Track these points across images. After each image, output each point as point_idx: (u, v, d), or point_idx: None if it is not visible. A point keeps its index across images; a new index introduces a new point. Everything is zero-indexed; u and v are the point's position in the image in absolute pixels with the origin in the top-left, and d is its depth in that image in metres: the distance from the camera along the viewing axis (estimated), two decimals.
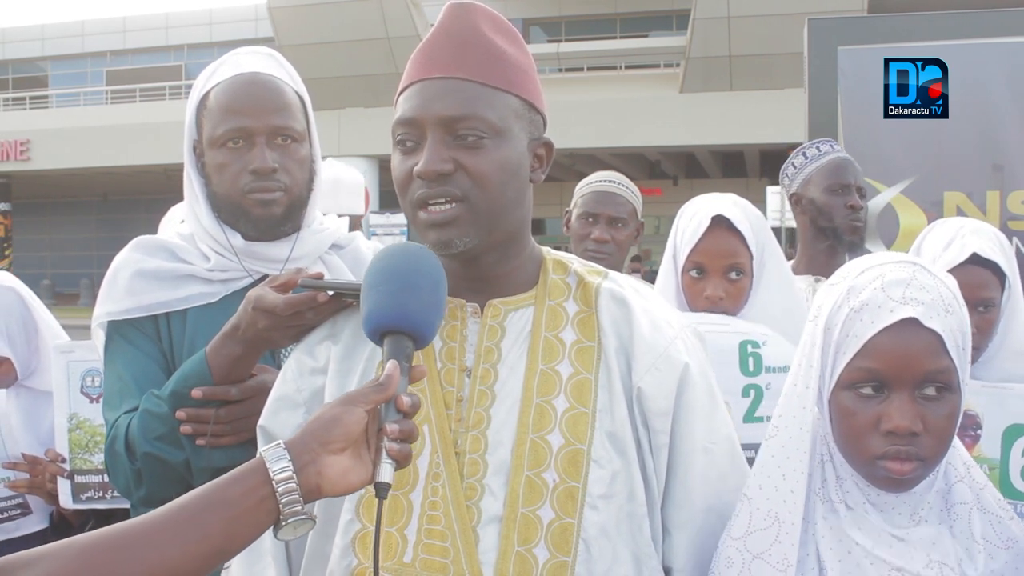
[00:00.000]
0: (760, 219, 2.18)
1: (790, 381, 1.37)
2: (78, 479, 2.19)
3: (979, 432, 1.83)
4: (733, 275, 2.12)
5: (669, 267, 2.22)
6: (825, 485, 1.35)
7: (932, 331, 1.24)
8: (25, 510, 2.33)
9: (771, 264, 2.17)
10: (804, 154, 2.93)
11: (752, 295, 2.14)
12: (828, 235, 2.80)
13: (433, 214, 1.29)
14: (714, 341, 1.92)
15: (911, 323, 1.25)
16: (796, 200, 2.91)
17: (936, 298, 1.27)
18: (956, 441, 1.36)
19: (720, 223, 2.10)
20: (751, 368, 1.98)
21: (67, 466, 2.20)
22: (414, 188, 1.30)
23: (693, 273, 2.14)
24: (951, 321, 1.27)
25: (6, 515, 2.32)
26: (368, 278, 1.24)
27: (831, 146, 2.93)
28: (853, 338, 1.28)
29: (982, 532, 1.32)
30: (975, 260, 1.96)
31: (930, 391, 1.26)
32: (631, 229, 2.84)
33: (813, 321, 1.35)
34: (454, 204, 1.29)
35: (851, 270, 1.35)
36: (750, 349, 1.99)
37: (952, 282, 1.32)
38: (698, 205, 2.18)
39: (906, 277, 1.28)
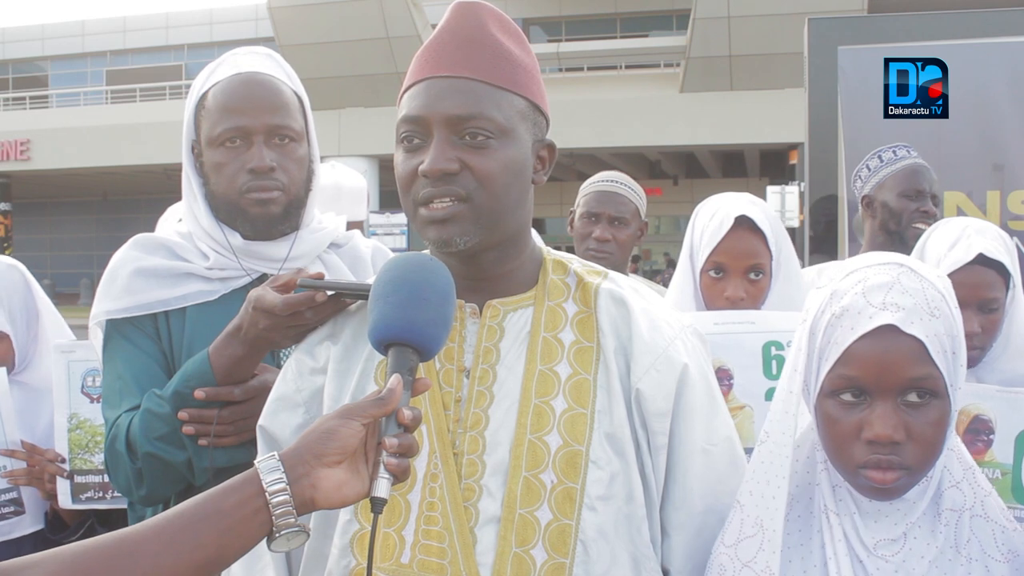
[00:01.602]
0: (777, 219, 2.18)
1: (779, 385, 1.35)
2: (78, 479, 2.18)
3: (991, 437, 1.82)
4: (753, 275, 2.10)
5: (686, 267, 2.20)
6: (824, 494, 1.34)
7: (913, 337, 1.21)
8: (19, 508, 2.28)
9: (786, 264, 2.16)
10: (880, 157, 2.93)
11: (770, 295, 2.13)
12: (896, 240, 2.79)
13: (434, 211, 1.29)
14: (738, 343, 1.91)
15: (891, 329, 1.22)
16: (867, 203, 2.91)
17: (920, 302, 1.23)
18: (958, 445, 1.34)
19: (742, 223, 2.09)
20: (774, 372, 1.94)
21: (66, 466, 2.19)
22: (418, 187, 1.29)
23: (713, 273, 2.12)
24: (936, 325, 1.23)
25: None
26: (376, 288, 1.23)
27: (908, 151, 2.92)
28: (834, 345, 1.26)
29: (981, 542, 1.29)
30: (981, 260, 1.94)
31: (913, 398, 1.23)
32: (633, 229, 2.84)
33: (802, 324, 1.33)
34: (457, 203, 1.28)
35: (838, 272, 1.32)
36: (774, 351, 1.96)
37: (943, 283, 1.29)
38: (717, 204, 2.16)
39: (888, 281, 1.25)
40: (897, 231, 2.81)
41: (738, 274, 2.10)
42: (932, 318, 1.23)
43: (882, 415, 1.23)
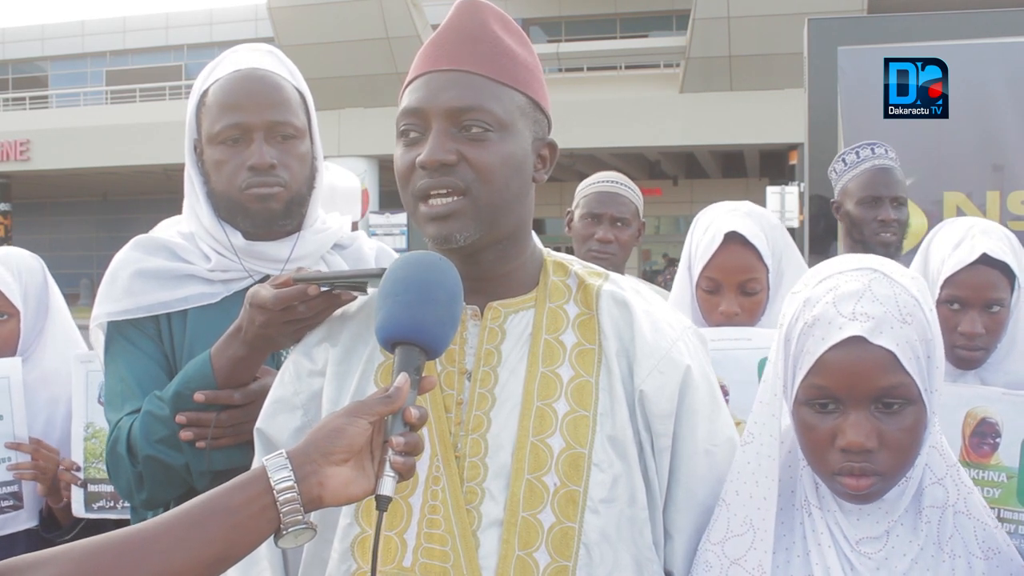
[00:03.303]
0: (776, 228, 2.15)
1: (762, 388, 1.36)
2: (91, 488, 2.19)
3: (998, 440, 1.82)
4: (748, 290, 2.08)
5: (684, 278, 2.18)
6: (807, 490, 1.35)
7: (883, 347, 1.22)
8: (18, 502, 2.28)
9: (790, 272, 2.13)
10: (844, 160, 2.91)
11: (770, 306, 2.11)
12: (861, 248, 2.77)
13: (434, 207, 1.28)
14: (734, 359, 1.90)
15: (860, 339, 1.22)
16: (836, 208, 2.90)
17: (891, 309, 1.23)
18: (941, 442, 1.35)
19: (734, 239, 2.06)
20: None
21: (81, 475, 2.20)
22: (416, 179, 1.29)
23: (706, 289, 2.11)
24: (908, 332, 1.23)
25: None
26: (385, 286, 1.22)
27: (871, 150, 2.88)
28: (807, 354, 1.27)
29: (964, 538, 1.30)
30: (985, 261, 1.93)
31: (887, 405, 1.24)
32: (633, 229, 2.83)
33: (779, 329, 1.34)
34: (455, 197, 1.28)
35: (812, 278, 1.33)
36: None
37: (918, 286, 1.29)
38: (711, 217, 2.14)
39: (859, 289, 1.25)
40: (861, 240, 2.80)
41: (732, 290, 2.08)
42: (904, 325, 1.23)
43: (855, 423, 1.24)
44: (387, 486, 1.10)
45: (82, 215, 33.21)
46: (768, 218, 2.16)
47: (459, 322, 1.23)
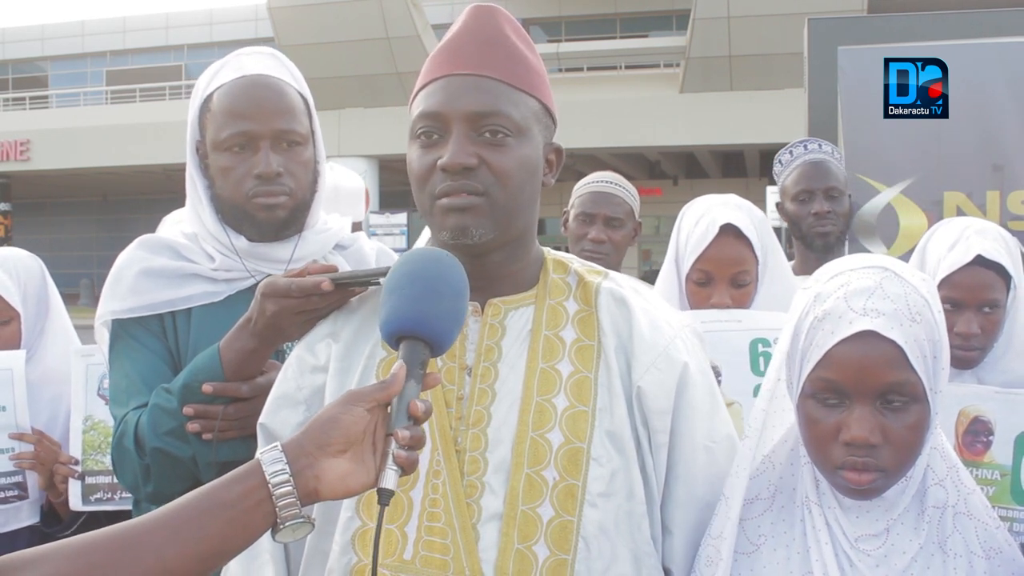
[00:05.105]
0: (762, 220, 2.17)
1: (764, 384, 1.39)
2: (89, 480, 2.21)
3: (991, 438, 1.83)
4: (739, 282, 2.10)
5: (671, 271, 2.19)
6: (807, 487, 1.36)
7: (892, 342, 1.23)
8: (23, 492, 2.29)
9: (772, 262, 2.16)
10: (780, 161, 2.97)
11: (756, 296, 2.13)
12: (803, 245, 2.85)
13: (454, 199, 1.30)
14: (725, 340, 1.92)
15: (870, 334, 1.24)
16: (780, 210, 2.95)
17: (901, 307, 1.25)
18: (942, 443, 1.36)
19: (728, 231, 2.08)
20: (762, 368, 1.96)
21: (79, 467, 2.21)
22: (435, 181, 1.31)
23: (698, 281, 2.12)
24: (917, 330, 1.25)
25: (2, 495, 2.27)
26: (390, 280, 1.23)
27: (804, 147, 2.93)
28: (815, 348, 1.28)
29: (964, 538, 1.31)
30: (980, 261, 1.94)
31: (892, 402, 1.26)
32: (628, 229, 2.83)
33: (787, 325, 1.36)
34: (474, 196, 1.30)
35: (823, 274, 1.35)
36: (761, 348, 1.98)
37: (927, 287, 1.30)
38: (702, 210, 2.15)
39: (871, 286, 1.27)
40: (801, 236, 2.84)
41: (724, 282, 2.10)
42: (913, 323, 1.25)
43: (860, 418, 1.25)
44: (389, 479, 1.10)
45: (82, 215, 33.22)
46: (755, 210, 2.18)
47: (463, 317, 1.23)
